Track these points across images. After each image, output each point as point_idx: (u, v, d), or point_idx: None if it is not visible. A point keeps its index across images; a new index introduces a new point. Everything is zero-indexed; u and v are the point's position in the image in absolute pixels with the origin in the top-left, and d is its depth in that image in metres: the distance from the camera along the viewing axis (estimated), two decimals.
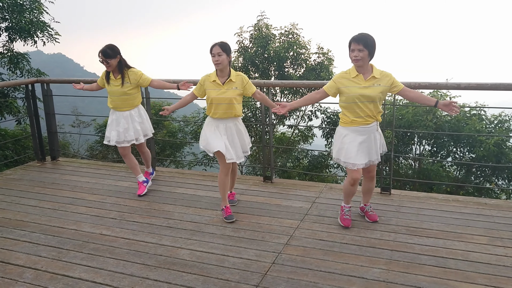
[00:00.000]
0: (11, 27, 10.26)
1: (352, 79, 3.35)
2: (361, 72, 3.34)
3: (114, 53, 4.20)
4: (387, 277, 2.82)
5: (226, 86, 3.69)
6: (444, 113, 11.20)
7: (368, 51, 3.24)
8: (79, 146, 17.16)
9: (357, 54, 3.24)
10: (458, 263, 3.00)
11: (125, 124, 4.40)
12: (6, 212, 4.03)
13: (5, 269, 2.98)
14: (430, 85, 4.33)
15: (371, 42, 3.24)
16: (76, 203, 4.28)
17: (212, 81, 3.71)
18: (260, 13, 13.73)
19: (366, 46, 3.22)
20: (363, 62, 3.27)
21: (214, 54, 3.62)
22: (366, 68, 3.33)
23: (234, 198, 4.23)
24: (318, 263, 3.02)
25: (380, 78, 3.33)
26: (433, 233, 3.48)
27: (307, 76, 12.87)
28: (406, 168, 12.10)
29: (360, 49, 3.23)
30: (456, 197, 4.35)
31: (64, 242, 3.40)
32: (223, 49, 3.62)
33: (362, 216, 3.85)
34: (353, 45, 3.25)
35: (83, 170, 5.49)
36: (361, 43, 3.22)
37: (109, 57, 4.17)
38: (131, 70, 4.34)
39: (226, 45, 3.66)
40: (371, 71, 3.35)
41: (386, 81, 3.34)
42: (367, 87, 3.32)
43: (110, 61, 4.19)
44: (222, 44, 3.65)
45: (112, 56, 4.19)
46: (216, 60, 3.61)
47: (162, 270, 2.94)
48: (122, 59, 4.30)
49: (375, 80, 3.33)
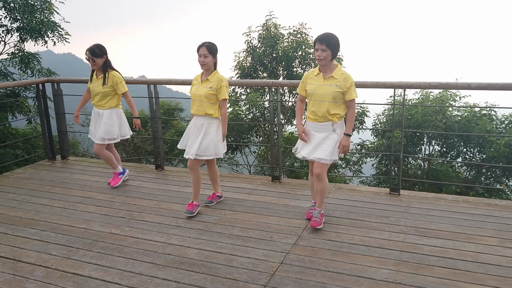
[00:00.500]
0: (22, 28, 10.38)
1: (314, 77, 3.47)
2: (323, 71, 3.42)
3: (101, 52, 4.37)
4: (396, 278, 2.80)
5: (204, 84, 3.79)
6: (454, 113, 11.11)
7: (331, 51, 3.30)
8: (88, 145, 17.27)
9: (320, 54, 3.31)
10: (468, 264, 2.97)
11: (97, 121, 4.58)
12: (17, 211, 4.08)
13: (16, 267, 3.01)
14: (440, 85, 4.29)
15: (334, 43, 3.30)
16: (85, 202, 4.31)
17: (196, 79, 3.90)
18: (268, 12, 13.73)
19: (329, 46, 3.28)
20: (326, 61, 3.33)
21: (200, 54, 3.70)
22: (329, 67, 3.39)
23: (211, 199, 4.18)
24: (326, 263, 3.01)
25: (338, 80, 3.34)
26: (443, 234, 3.46)
27: None
28: (415, 168, 12.01)
29: (323, 49, 3.30)
30: (466, 198, 4.32)
31: (74, 240, 3.43)
32: (210, 50, 3.69)
33: (370, 216, 3.83)
34: (317, 45, 3.32)
35: (93, 169, 5.53)
36: (324, 43, 3.29)
37: (96, 56, 4.34)
38: (112, 72, 4.47)
39: (213, 46, 3.71)
40: (332, 71, 3.38)
41: (343, 85, 3.35)
42: (322, 86, 3.39)
43: (96, 60, 4.35)
44: (209, 46, 3.70)
45: (99, 55, 4.36)
46: (202, 61, 3.70)
47: (171, 269, 2.96)
48: (108, 60, 4.45)
49: (333, 80, 3.35)
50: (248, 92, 13.55)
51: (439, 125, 10.54)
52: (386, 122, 12.12)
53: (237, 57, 14.02)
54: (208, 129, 3.83)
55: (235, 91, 13.69)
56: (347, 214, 3.90)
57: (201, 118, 3.84)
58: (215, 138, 3.85)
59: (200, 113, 3.81)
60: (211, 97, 3.77)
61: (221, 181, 4.90)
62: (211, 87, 3.75)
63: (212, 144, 3.84)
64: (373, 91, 4.68)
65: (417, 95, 11.93)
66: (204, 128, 3.82)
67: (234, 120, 12.12)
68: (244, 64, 13.62)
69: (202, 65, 3.74)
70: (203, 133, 3.80)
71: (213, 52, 3.72)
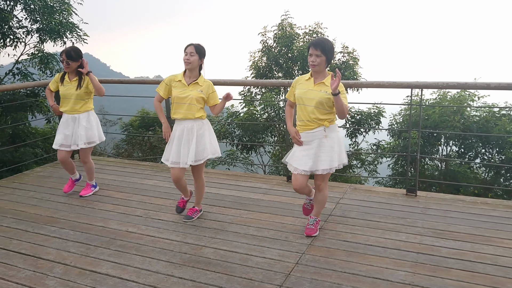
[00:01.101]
0: (41, 29, 10.56)
1: (304, 81, 3.36)
2: (314, 77, 3.31)
3: (77, 56, 4.22)
4: (413, 280, 2.78)
5: (191, 87, 3.64)
6: (473, 113, 10.94)
7: (326, 57, 3.19)
8: (105, 144, 17.51)
9: (314, 59, 3.20)
10: (487, 267, 2.93)
11: (73, 127, 4.35)
12: (37, 209, 4.16)
13: (36, 264, 3.08)
14: (459, 85, 4.24)
15: (329, 48, 3.20)
16: (103, 200, 4.38)
17: (178, 81, 3.69)
18: (284, 12, 13.71)
19: (323, 52, 3.18)
20: (320, 67, 3.22)
21: (186, 52, 3.60)
22: (322, 74, 3.28)
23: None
24: (342, 264, 3.00)
25: (329, 87, 3.17)
26: (461, 236, 3.41)
27: None
28: (432, 169, 11.86)
29: (317, 55, 3.19)
30: (484, 199, 4.25)
31: (92, 238, 3.49)
32: (197, 50, 3.60)
33: (386, 217, 3.80)
34: (311, 50, 3.21)
35: (110, 168, 5.60)
36: (318, 49, 3.17)
37: (71, 59, 4.19)
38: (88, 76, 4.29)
39: (201, 48, 3.63)
40: (324, 77, 3.27)
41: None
42: (311, 90, 3.26)
43: (71, 63, 4.20)
44: (197, 46, 3.62)
45: (74, 59, 4.21)
46: (187, 59, 3.58)
47: (187, 268, 2.98)
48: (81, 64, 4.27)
49: (324, 87, 3.23)
50: (263, 92, 13.55)
51: (457, 126, 10.39)
52: (403, 123, 11.99)
53: (252, 57, 14.04)
54: (200, 131, 3.67)
55: (250, 91, 13.71)
56: (363, 215, 3.88)
57: (190, 122, 3.65)
58: (210, 137, 3.76)
59: (189, 116, 3.63)
60: (201, 101, 3.64)
61: (237, 181, 4.93)
62: (201, 91, 3.63)
63: (208, 145, 3.73)
64: (390, 91, 4.64)
65: (435, 95, 11.78)
66: (195, 131, 3.65)
67: (249, 120, 12.14)
68: (259, 64, 13.62)
69: (187, 63, 3.60)
70: (195, 137, 3.64)
71: (200, 53, 3.61)
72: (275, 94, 12.96)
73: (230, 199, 4.34)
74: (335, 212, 3.96)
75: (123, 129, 15.31)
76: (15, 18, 10.38)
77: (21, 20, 10.58)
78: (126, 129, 15.06)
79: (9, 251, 3.27)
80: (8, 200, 4.41)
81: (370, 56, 52.64)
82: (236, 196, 4.44)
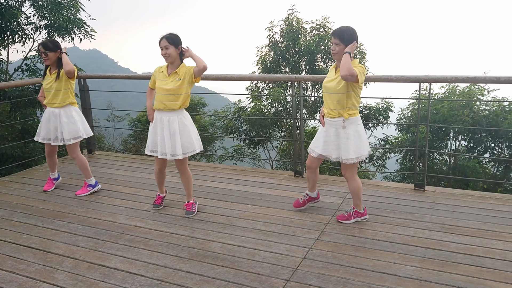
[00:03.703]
0: (50, 25, 10.64)
1: (331, 70, 3.48)
2: (338, 65, 3.38)
3: (54, 46, 4.15)
4: (421, 275, 2.77)
5: (171, 77, 3.64)
6: (482, 107, 10.83)
7: (345, 45, 3.26)
8: (113, 139, 17.62)
9: (334, 48, 3.31)
10: (496, 262, 2.91)
11: (54, 122, 4.30)
12: (47, 203, 4.20)
13: (46, 258, 3.11)
14: (468, 78, 4.18)
15: (348, 37, 3.26)
16: (111, 195, 4.41)
17: (161, 72, 3.71)
18: (290, 7, 13.65)
19: (342, 40, 3.25)
20: (339, 56, 3.29)
21: (162, 47, 3.57)
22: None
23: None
24: (349, 259, 3.00)
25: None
26: (469, 231, 3.39)
27: None
28: (441, 164, 11.79)
29: (336, 43, 3.28)
30: (494, 194, 4.22)
31: (100, 233, 3.52)
32: (170, 41, 3.55)
33: (394, 212, 3.78)
34: (332, 39, 3.32)
35: (118, 163, 5.64)
36: (337, 38, 3.27)
37: (48, 49, 4.11)
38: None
39: (173, 37, 3.58)
40: None
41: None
42: (333, 79, 3.37)
43: (49, 54, 4.12)
44: (169, 37, 3.57)
45: (51, 49, 4.13)
46: (164, 53, 3.57)
47: (195, 263, 3.00)
48: (61, 56, 4.20)
49: None
50: (270, 87, 13.53)
51: (466, 120, 10.31)
52: (411, 117, 11.91)
53: (259, 51, 14.01)
54: (184, 122, 3.70)
55: (257, 86, 13.70)
56: (371, 210, 3.86)
57: (171, 113, 3.66)
58: (193, 130, 3.78)
59: (170, 107, 3.64)
60: (181, 90, 3.63)
61: (244, 176, 4.94)
62: (180, 79, 3.61)
63: (194, 138, 3.76)
64: (398, 86, 4.61)
65: (443, 89, 11.69)
66: (177, 123, 3.66)
67: (256, 114, 12.14)
68: (266, 59, 13.60)
69: (166, 58, 3.59)
70: (179, 129, 3.66)
71: (175, 42, 3.55)
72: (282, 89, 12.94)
73: (237, 194, 4.35)
74: (342, 207, 3.95)
75: (131, 125, 15.39)
76: (24, 15, 10.45)
77: (30, 17, 10.65)
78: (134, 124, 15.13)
79: (19, 245, 3.31)
80: (18, 195, 4.46)
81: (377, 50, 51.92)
82: (243, 191, 4.45)
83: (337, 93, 3.33)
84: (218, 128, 14.76)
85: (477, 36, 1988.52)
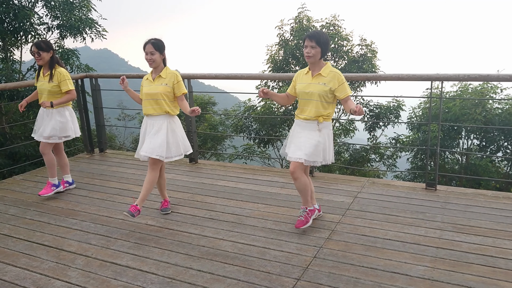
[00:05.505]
0: (62, 25, 10.74)
1: (304, 75, 3.39)
2: (312, 69, 3.33)
3: (47, 47, 4.15)
4: (432, 275, 2.75)
5: (156, 82, 3.63)
6: (495, 106, 10.70)
7: (321, 48, 3.21)
8: (124, 138, 17.74)
9: (309, 50, 3.23)
10: (509, 263, 2.87)
11: (47, 120, 4.28)
12: (59, 202, 4.25)
13: (59, 255, 3.15)
14: (481, 77, 4.14)
15: (324, 40, 3.21)
16: (123, 193, 4.44)
17: (146, 79, 3.73)
18: (300, 5, 13.61)
19: (318, 43, 3.20)
20: (315, 59, 3.24)
21: (147, 52, 3.57)
22: (318, 65, 3.30)
23: (168, 206, 3.96)
24: (360, 258, 2.99)
25: (326, 78, 3.23)
26: (482, 231, 3.35)
27: (349, 69, 12.66)
28: (453, 163, 11.67)
29: (312, 46, 3.21)
30: (507, 194, 4.16)
31: (112, 231, 3.55)
32: (156, 47, 3.55)
33: (405, 211, 3.76)
34: (306, 42, 3.24)
35: (129, 162, 5.68)
36: (313, 40, 3.20)
37: (41, 49, 4.11)
38: (59, 69, 4.23)
39: (159, 42, 3.57)
40: (320, 69, 3.28)
41: (332, 83, 3.22)
42: (310, 84, 3.29)
43: (42, 54, 4.12)
44: (155, 42, 3.56)
45: (44, 49, 4.13)
46: (149, 58, 3.56)
47: (205, 261, 3.01)
48: (55, 56, 4.23)
49: (321, 78, 3.25)
50: (280, 86, 13.51)
51: (479, 118, 10.19)
52: (422, 116, 11.81)
53: (269, 50, 13.99)
54: (171, 127, 3.69)
55: (267, 85, 13.69)
56: (381, 209, 3.85)
57: (160, 118, 3.66)
58: (181, 135, 3.77)
59: (158, 111, 3.64)
60: (169, 95, 3.63)
61: (254, 175, 4.94)
62: (166, 84, 3.61)
63: (181, 143, 3.75)
64: (409, 84, 4.58)
65: (455, 87, 11.57)
66: (166, 126, 3.65)
67: (266, 113, 12.13)
68: (276, 58, 13.58)
69: (150, 63, 3.59)
70: (166, 132, 3.64)
71: (160, 48, 3.57)
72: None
73: (247, 193, 4.36)
74: (353, 206, 3.93)
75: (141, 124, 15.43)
76: (36, 15, 10.57)
77: (42, 17, 10.77)
78: None
79: (33, 243, 3.36)
80: (31, 193, 4.52)
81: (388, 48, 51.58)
82: (253, 190, 4.45)
83: (322, 101, 3.26)
84: (228, 127, 14.79)
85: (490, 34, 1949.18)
